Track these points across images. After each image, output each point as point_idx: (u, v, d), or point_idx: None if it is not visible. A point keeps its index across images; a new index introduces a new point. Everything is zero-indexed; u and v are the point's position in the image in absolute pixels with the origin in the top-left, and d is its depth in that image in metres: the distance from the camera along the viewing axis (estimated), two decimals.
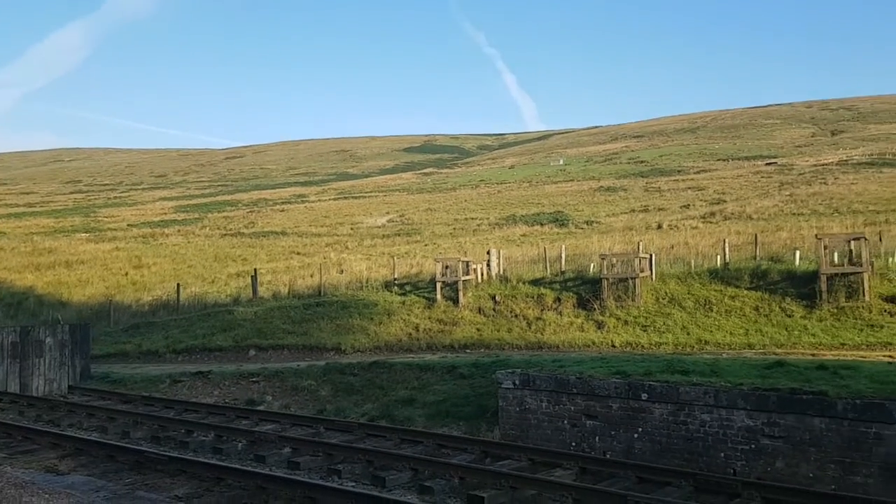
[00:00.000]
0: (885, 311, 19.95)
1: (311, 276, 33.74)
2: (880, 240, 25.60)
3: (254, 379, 20.47)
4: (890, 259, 23.30)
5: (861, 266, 20.87)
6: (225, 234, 66.93)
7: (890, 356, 16.48)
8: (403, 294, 28.08)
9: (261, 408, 18.35)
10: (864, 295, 20.41)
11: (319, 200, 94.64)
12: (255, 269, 34.11)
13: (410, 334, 24.79)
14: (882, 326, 19.29)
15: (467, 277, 26.86)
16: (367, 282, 30.52)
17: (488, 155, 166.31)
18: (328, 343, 24.52)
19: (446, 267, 27.21)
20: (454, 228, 61.68)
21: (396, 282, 29.57)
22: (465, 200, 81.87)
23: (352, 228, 66.87)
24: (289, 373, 20.38)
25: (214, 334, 27.08)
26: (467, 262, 27.70)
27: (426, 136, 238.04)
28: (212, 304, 31.96)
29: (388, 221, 70.62)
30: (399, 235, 60.08)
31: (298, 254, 51.32)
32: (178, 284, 34.60)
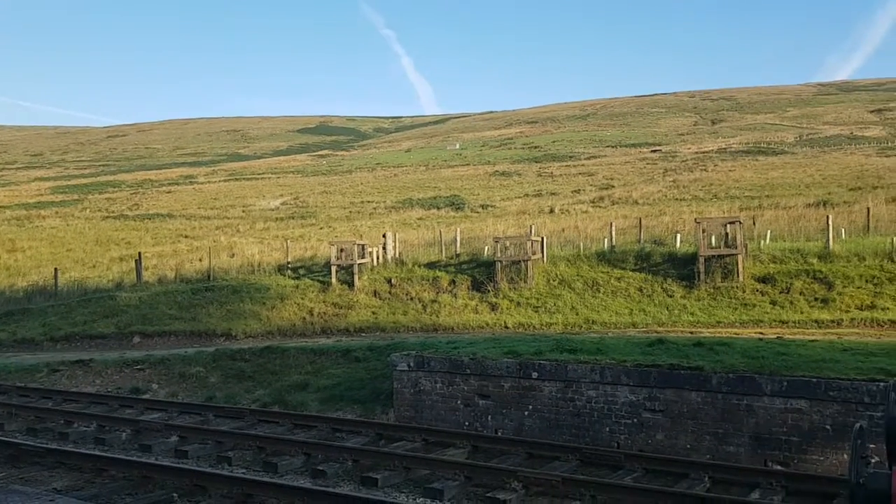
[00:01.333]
0: (757, 290, 21.22)
1: (200, 260, 32.76)
2: (754, 224, 27.22)
3: (138, 367, 19.70)
4: (762, 242, 24.80)
5: (736, 248, 22.10)
6: (107, 217, 63.94)
7: (761, 333, 17.56)
8: (297, 278, 27.67)
9: (146, 396, 17.69)
10: (738, 276, 21.64)
11: (209, 182, 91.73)
12: (140, 253, 32.72)
13: (305, 318, 24.47)
14: (754, 305, 20.53)
15: (363, 261, 26.74)
16: (259, 266, 29.87)
17: (385, 138, 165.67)
18: (218, 329, 23.88)
19: (341, 250, 26.98)
20: (350, 212, 61.22)
21: (290, 266, 29.09)
22: (362, 183, 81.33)
23: (243, 211, 65.23)
24: (176, 360, 19.73)
25: (96, 321, 25.87)
26: (363, 246, 27.56)
27: (321, 117, 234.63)
28: (93, 290, 30.48)
29: (282, 204, 69.29)
30: (293, 218, 59.08)
31: (186, 237, 49.69)
32: (55, 269, 32.80)
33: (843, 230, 26.44)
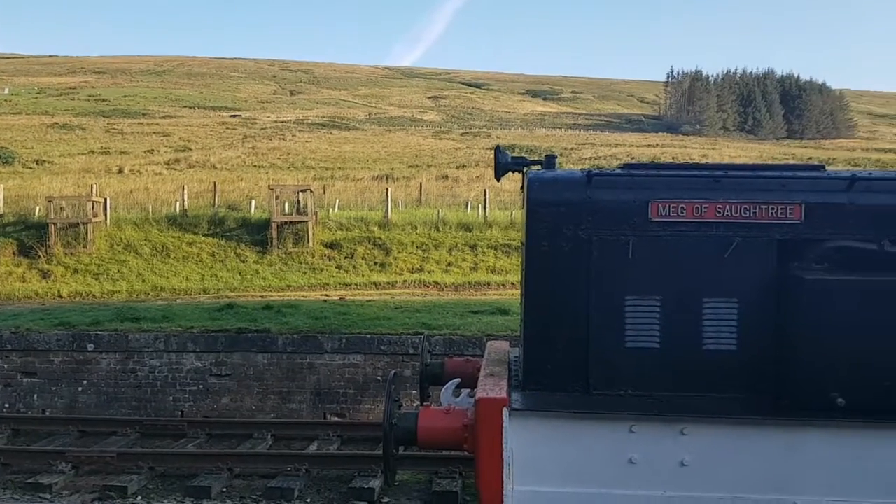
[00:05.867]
0: (325, 255, 22.42)
1: None
2: (324, 192, 28.64)
3: None
4: (331, 210, 26.24)
5: (307, 216, 23.03)
6: None
7: (326, 295, 18.60)
8: None
9: None
10: (308, 241, 22.61)
11: None
12: None
13: None
14: (322, 269, 21.66)
15: None
16: None
17: None
18: None
19: None
20: None
21: None
22: None
23: None
24: None
25: None
26: None
27: None
28: None
29: None
30: None
31: None
32: None
33: (400, 202, 29.28)
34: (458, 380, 6.66)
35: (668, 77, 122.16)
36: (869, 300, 4.82)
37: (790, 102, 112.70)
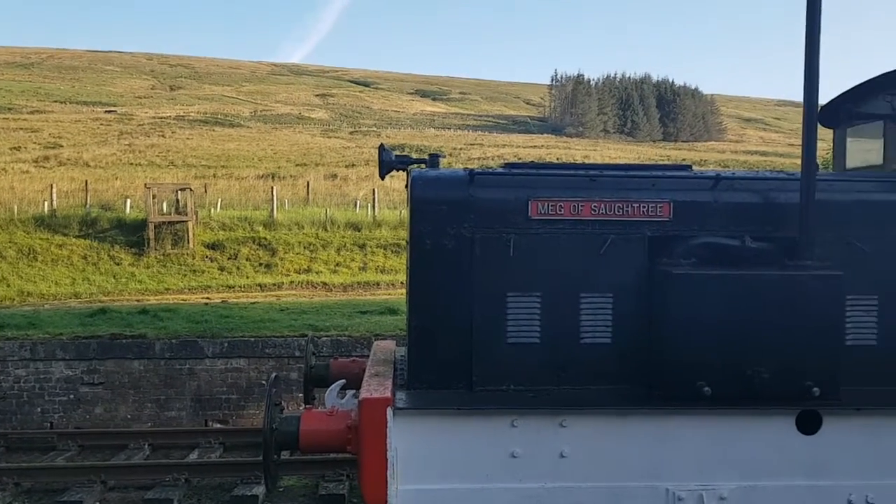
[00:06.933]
0: (207, 257, 21.71)
1: None
2: (206, 191, 27.72)
3: None
4: (213, 210, 25.45)
5: (187, 215, 22.22)
6: None
7: (208, 298, 18.01)
8: None
9: None
10: (189, 242, 21.82)
11: None
12: None
13: None
14: (203, 271, 20.96)
15: None
16: None
17: None
18: None
19: None
20: None
21: None
22: None
23: None
24: None
25: None
26: None
27: None
28: None
29: None
30: None
31: None
32: None
33: (287, 201, 28.76)
34: (344, 381, 6.56)
35: (552, 80, 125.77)
36: (732, 293, 5.08)
37: (665, 106, 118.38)
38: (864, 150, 7.03)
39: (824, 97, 6.19)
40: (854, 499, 5.19)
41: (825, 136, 7.48)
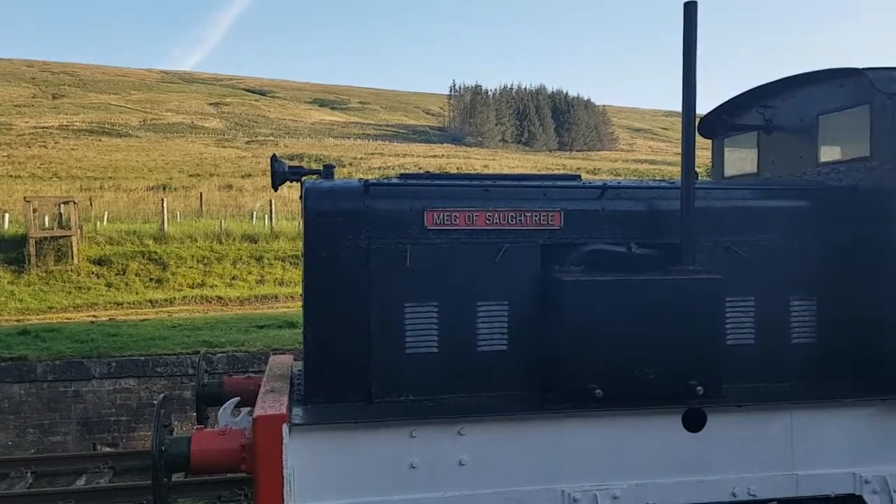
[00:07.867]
0: (93, 273, 20.70)
1: None
2: (91, 204, 26.47)
3: None
4: (99, 223, 24.32)
5: (71, 230, 21.14)
6: None
7: (94, 316, 17.18)
8: None
9: None
10: (73, 258, 20.75)
11: None
12: None
13: None
14: (90, 288, 19.97)
15: None
16: None
17: None
18: None
19: None
20: None
21: None
22: None
23: None
24: None
25: None
26: None
27: None
28: None
29: None
30: None
31: None
32: None
33: (179, 213, 27.81)
34: (238, 399, 6.38)
35: (450, 90, 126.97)
36: (620, 298, 5.25)
37: (560, 117, 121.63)
38: (740, 160, 7.43)
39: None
40: (737, 491, 5.45)
41: (707, 146, 7.87)
